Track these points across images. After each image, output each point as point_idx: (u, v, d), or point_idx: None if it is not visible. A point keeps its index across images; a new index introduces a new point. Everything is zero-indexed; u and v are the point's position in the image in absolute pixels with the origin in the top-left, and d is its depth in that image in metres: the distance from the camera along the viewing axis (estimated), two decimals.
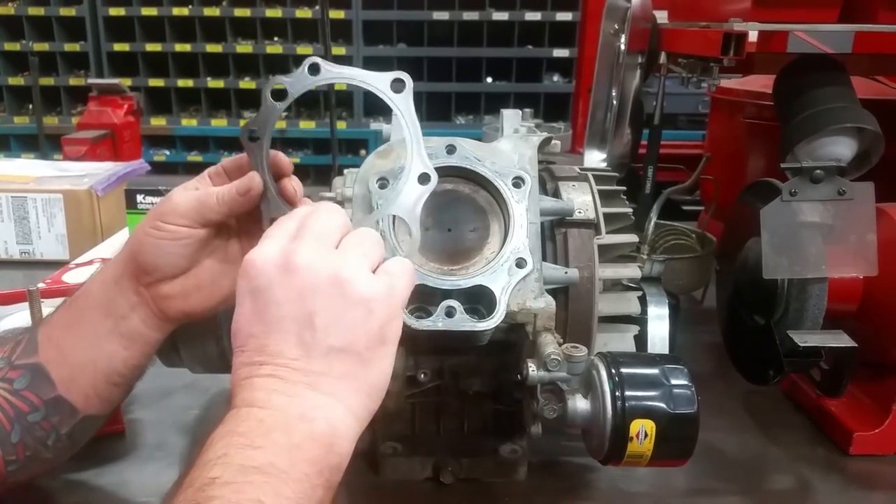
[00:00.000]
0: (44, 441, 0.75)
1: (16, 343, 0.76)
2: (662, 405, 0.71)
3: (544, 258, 0.84)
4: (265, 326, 0.59)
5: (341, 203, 0.92)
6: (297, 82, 0.70)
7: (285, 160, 0.74)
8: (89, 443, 0.99)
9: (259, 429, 0.55)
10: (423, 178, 0.70)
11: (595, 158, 1.52)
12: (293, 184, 0.74)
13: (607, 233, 0.89)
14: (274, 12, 4.76)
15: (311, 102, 4.84)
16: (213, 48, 4.82)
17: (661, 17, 1.39)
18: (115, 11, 4.78)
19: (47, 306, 0.95)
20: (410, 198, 0.69)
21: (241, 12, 4.76)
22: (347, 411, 0.59)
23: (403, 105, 0.70)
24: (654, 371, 0.73)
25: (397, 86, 0.70)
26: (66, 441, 0.77)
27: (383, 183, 0.79)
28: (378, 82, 0.69)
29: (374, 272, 0.63)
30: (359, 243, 0.63)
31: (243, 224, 0.76)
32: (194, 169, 0.77)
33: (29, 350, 0.75)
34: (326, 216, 0.65)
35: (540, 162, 0.89)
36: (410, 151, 0.70)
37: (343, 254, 0.62)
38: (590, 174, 0.93)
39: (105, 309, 0.74)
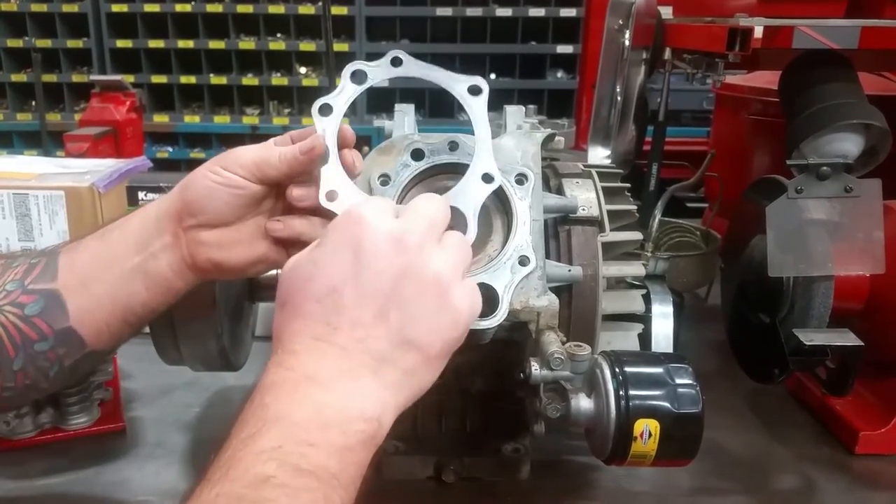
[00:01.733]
0: (46, 372, 0.73)
1: (29, 265, 0.73)
2: (667, 404, 0.70)
3: (547, 256, 0.83)
4: (356, 290, 0.57)
5: None
6: (378, 70, 0.72)
7: (349, 131, 0.74)
8: (89, 441, 1.00)
9: (317, 419, 0.53)
10: (487, 178, 0.71)
11: (599, 155, 1.52)
12: (353, 155, 0.74)
13: (611, 230, 0.88)
14: (277, 8, 4.75)
15: (314, 98, 4.81)
16: (216, 45, 4.82)
17: (666, 12, 1.38)
18: (117, 8, 4.77)
19: None
20: (472, 194, 0.71)
21: (244, 9, 4.75)
22: (395, 410, 0.58)
23: (478, 108, 0.72)
24: (658, 370, 0.73)
25: (474, 90, 0.72)
26: (66, 373, 0.75)
27: (385, 180, 0.78)
28: (456, 84, 0.72)
29: None
30: (460, 249, 0.63)
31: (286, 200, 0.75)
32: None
33: (46, 275, 0.72)
34: (437, 205, 0.64)
35: (543, 158, 0.88)
36: (479, 151, 0.71)
37: (448, 255, 0.61)
38: (594, 171, 0.92)
39: (138, 244, 0.73)
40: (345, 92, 0.72)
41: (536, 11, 4.72)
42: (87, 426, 1.00)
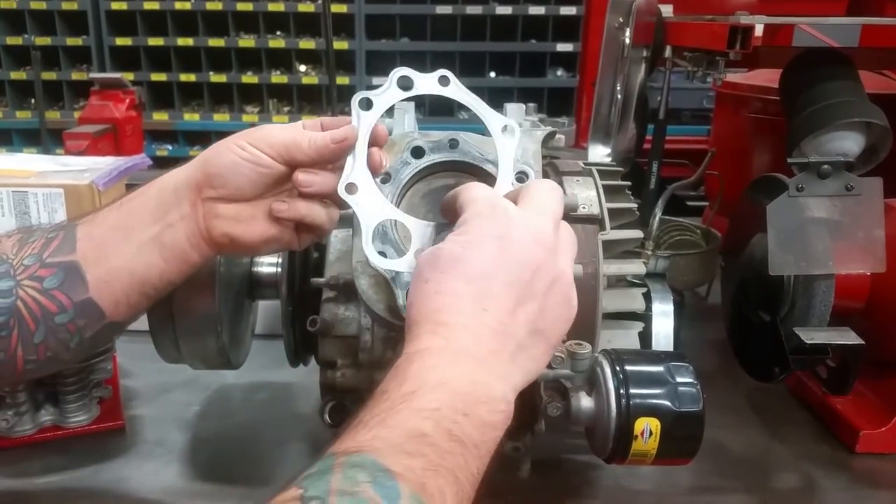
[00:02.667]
0: (66, 343, 0.74)
1: (47, 240, 0.73)
2: (667, 403, 0.70)
3: None
4: (503, 277, 0.61)
5: None
6: (424, 82, 0.73)
7: (384, 131, 0.75)
8: (89, 439, 1.00)
9: (472, 393, 0.57)
10: None
11: (599, 153, 1.51)
12: (381, 154, 0.75)
13: (612, 228, 0.88)
14: (276, 6, 4.75)
15: (314, 97, 4.84)
16: (216, 42, 4.81)
17: (667, 10, 1.37)
18: (117, 5, 4.77)
19: None
20: None
21: (244, 6, 4.74)
22: (516, 395, 0.61)
23: (506, 147, 0.75)
24: (658, 368, 0.72)
25: (506, 129, 0.75)
26: (87, 345, 0.76)
27: (385, 177, 0.78)
28: (492, 119, 0.75)
29: None
30: (573, 246, 0.68)
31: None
32: None
33: (65, 247, 0.73)
34: (557, 199, 0.68)
35: (544, 157, 0.88)
36: (499, 189, 0.73)
37: (568, 253, 0.66)
38: (594, 169, 0.92)
39: (155, 213, 0.73)
40: (388, 93, 0.72)
41: (536, 9, 4.71)
42: (86, 424, 1.00)
